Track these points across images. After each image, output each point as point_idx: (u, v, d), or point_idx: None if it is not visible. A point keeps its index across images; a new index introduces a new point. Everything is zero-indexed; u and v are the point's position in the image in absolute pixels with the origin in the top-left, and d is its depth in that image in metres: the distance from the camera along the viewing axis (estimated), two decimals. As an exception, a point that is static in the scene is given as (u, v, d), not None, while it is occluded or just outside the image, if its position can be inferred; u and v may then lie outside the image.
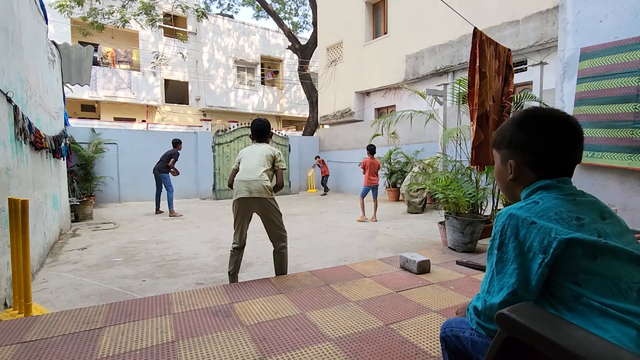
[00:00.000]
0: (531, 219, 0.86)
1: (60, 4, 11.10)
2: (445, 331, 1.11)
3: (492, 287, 0.91)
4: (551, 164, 0.95)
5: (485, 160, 3.86)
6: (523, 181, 1.00)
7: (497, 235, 0.92)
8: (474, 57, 3.60)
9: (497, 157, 1.07)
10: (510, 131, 1.00)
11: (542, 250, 0.82)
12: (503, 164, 1.04)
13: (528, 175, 0.98)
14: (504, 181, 1.05)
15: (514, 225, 0.88)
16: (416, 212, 7.62)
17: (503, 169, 1.04)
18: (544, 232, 0.83)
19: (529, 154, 0.96)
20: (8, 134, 2.84)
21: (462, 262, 3.43)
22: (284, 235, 3.12)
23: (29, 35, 3.77)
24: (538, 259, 0.83)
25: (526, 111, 1.01)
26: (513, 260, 0.87)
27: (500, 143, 1.04)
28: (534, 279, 0.83)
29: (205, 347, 1.89)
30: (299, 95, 20.65)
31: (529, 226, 0.85)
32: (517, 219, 0.88)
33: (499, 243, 0.91)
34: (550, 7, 6.97)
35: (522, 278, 0.85)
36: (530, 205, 0.90)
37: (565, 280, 0.82)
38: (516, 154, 0.99)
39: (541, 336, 0.68)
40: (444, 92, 5.95)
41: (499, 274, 0.90)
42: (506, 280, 0.87)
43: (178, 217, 7.43)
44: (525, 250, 0.86)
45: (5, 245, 2.55)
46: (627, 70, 2.76)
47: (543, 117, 0.97)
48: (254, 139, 3.23)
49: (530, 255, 0.85)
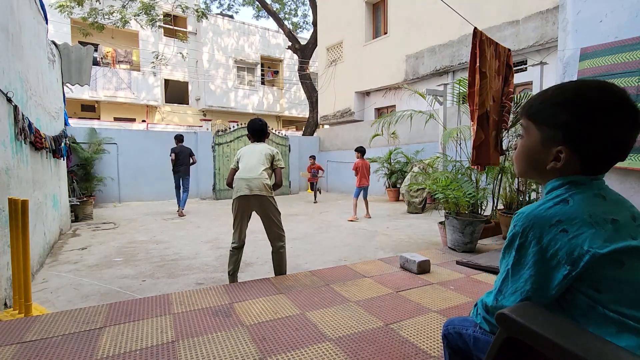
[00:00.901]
0: (562, 225, 0.77)
1: (60, 4, 11.09)
2: (447, 329, 1.10)
3: (505, 288, 0.86)
4: (608, 162, 0.82)
5: (486, 160, 3.86)
6: (563, 172, 0.85)
7: (517, 236, 0.83)
8: (474, 57, 3.60)
9: (533, 131, 0.87)
10: (569, 111, 0.80)
11: (571, 262, 0.75)
12: (544, 146, 0.85)
13: (572, 168, 0.83)
14: (535, 163, 0.88)
15: (537, 229, 0.79)
16: (416, 212, 7.61)
17: (541, 151, 0.86)
18: (575, 243, 0.75)
19: (592, 147, 0.79)
20: (8, 134, 2.84)
21: (462, 262, 3.43)
22: (282, 234, 3.12)
23: (29, 35, 3.77)
24: (563, 270, 0.76)
25: (596, 89, 0.80)
26: (531, 266, 0.80)
27: (545, 118, 0.84)
28: (554, 289, 0.78)
29: (205, 347, 1.89)
30: (299, 95, 20.65)
31: (558, 234, 0.77)
32: (543, 222, 0.79)
33: (518, 244, 0.83)
34: (550, 7, 6.97)
35: (537, 285, 0.80)
36: (560, 206, 0.80)
37: (584, 286, 0.76)
38: (572, 142, 0.80)
39: (541, 336, 0.68)
40: (444, 92, 5.95)
41: (514, 277, 0.84)
42: (520, 285, 0.83)
43: (181, 217, 7.47)
44: (548, 257, 0.78)
45: (5, 245, 2.55)
46: (627, 70, 2.75)
47: (620, 102, 0.77)
48: (251, 138, 3.25)
49: (553, 263, 0.77)
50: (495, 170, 4.56)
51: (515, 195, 4.84)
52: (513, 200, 4.87)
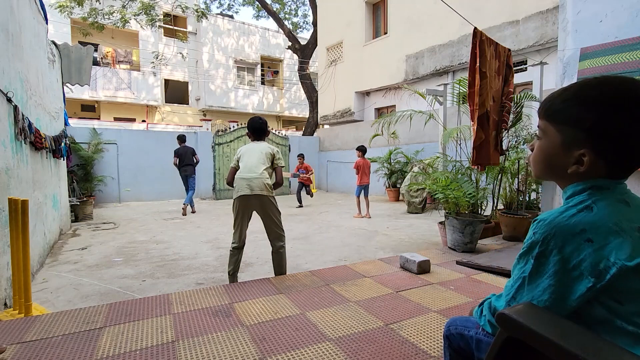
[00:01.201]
0: (586, 234, 0.73)
1: (60, 4, 11.10)
2: (449, 329, 1.10)
3: (520, 296, 0.83)
4: (634, 166, 0.77)
5: (486, 160, 3.86)
6: (584, 176, 0.80)
7: (536, 244, 0.79)
8: (474, 57, 3.60)
9: (552, 133, 0.82)
10: (595, 110, 0.75)
11: (595, 275, 0.71)
12: (565, 149, 0.80)
13: (596, 171, 0.78)
14: (555, 166, 0.84)
15: (560, 238, 0.75)
16: (416, 212, 7.62)
17: (562, 153, 0.81)
18: (601, 255, 0.71)
19: (618, 149, 0.75)
20: (8, 134, 2.84)
21: (462, 262, 3.43)
22: (281, 234, 3.12)
23: (29, 35, 3.77)
24: (587, 282, 0.72)
25: (623, 85, 0.75)
26: (550, 276, 0.77)
27: (566, 119, 0.79)
28: (575, 301, 0.75)
29: (205, 347, 1.89)
30: (299, 95, 20.65)
31: (583, 243, 0.73)
32: (566, 231, 0.75)
33: (538, 253, 0.79)
34: (550, 7, 6.97)
35: (556, 296, 0.76)
36: (583, 214, 0.75)
37: (605, 297, 0.73)
38: (597, 144, 0.75)
39: (541, 336, 0.68)
40: (444, 92, 5.95)
41: (530, 285, 0.81)
42: (537, 294, 0.79)
43: (183, 216, 7.48)
44: (570, 267, 0.74)
45: (5, 245, 2.55)
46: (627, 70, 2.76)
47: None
48: (251, 136, 3.24)
49: (575, 274, 0.74)
50: (495, 170, 4.56)
51: (515, 195, 4.84)
52: (513, 200, 4.87)
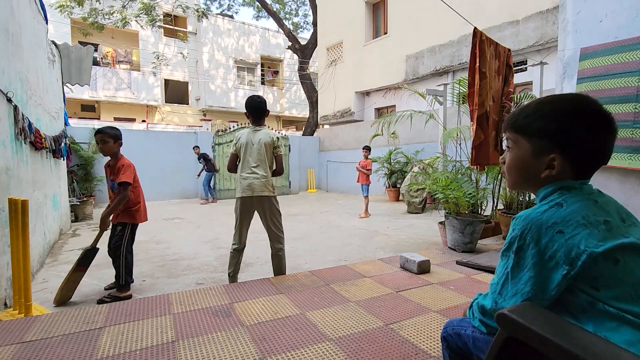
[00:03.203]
0: (558, 227, 0.81)
1: (60, 5, 11.10)
2: (446, 330, 1.11)
3: (505, 291, 0.88)
4: (594, 165, 0.88)
5: (486, 160, 3.86)
6: (555, 179, 0.90)
7: (515, 238, 0.87)
8: (474, 57, 3.60)
9: (523, 143, 0.92)
10: (556, 121, 0.86)
11: (569, 262, 0.78)
12: (535, 156, 0.90)
13: (565, 173, 0.88)
14: (529, 174, 0.93)
15: (535, 231, 0.83)
16: (416, 212, 7.62)
17: (534, 161, 0.91)
18: (571, 244, 0.78)
19: (580, 152, 0.86)
20: (8, 134, 2.84)
21: (462, 262, 3.43)
22: (281, 236, 3.10)
23: (29, 35, 3.77)
24: (562, 270, 0.79)
25: (575, 101, 0.88)
26: (530, 268, 0.83)
27: (534, 130, 0.90)
28: (554, 289, 0.81)
29: (205, 347, 1.89)
30: (299, 95, 20.65)
31: (555, 235, 0.80)
32: (540, 224, 0.83)
33: (517, 247, 0.86)
34: (550, 7, 6.97)
35: (537, 287, 0.82)
36: (554, 209, 0.84)
37: (583, 285, 0.79)
38: (563, 149, 0.86)
39: (541, 336, 0.68)
40: (444, 92, 5.95)
41: (513, 279, 0.87)
42: (520, 287, 0.85)
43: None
44: (546, 258, 0.81)
45: (5, 245, 2.55)
46: (627, 70, 2.75)
47: (596, 111, 0.86)
48: (250, 118, 3.06)
49: (552, 265, 0.81)
50: (495, 170, 4.56)
51: (515, 195, 4.84)
52: (513, 200, 4.87)
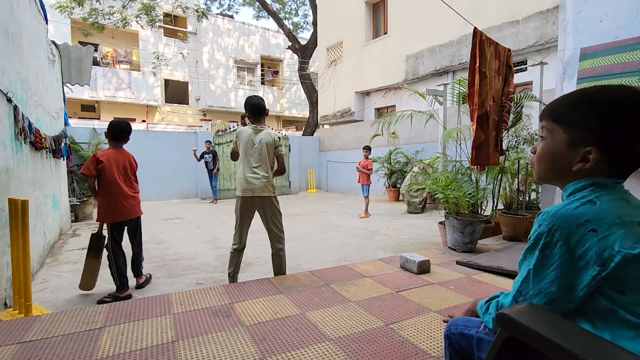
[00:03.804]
0: (591, 225, 0.76)
1: (60, 5, 11.09)
2: (450, 328, 1.11)
3: (526, 289, 0.84)
4: (633, 166, 0.82)
5: (486, 160, 3.86)
6: (588, 174, 0.84)
7: (542, 235, 0.81)
8: (474, 57, 3.60)
9: (559, 133, 0.87)
10: (599, 112, 0.81)
11: (600, 263, 0.74)
12: (570, 147, 0.85)
13: (600, 170, 0.83)
14: (560, 165, 0.88)
15: (565, 228, 0.78)
16: (416, 212, 7.61)
17: (568, 152, 0.85)
18: (605, 244, 0.74)
19: (620, 149, 0.80)
20: (8, 134, 2.85)
21: (462, 262, 3.43)
22: (281, 236, 3.11)
23: (29, 35, 3.77)
24: (592, 271, 0.75)
25: (624, 92, 0.81)
26: (557, 267, 0.78)
27: (573, 120, 0.84)
28: (582, 290, 0.76)
29: (205, 347, 1.89)
30: (299, 95, 20.65)
31: (587, 233, 0.76)
32: (571, 221, 0.77)
33: (543, 244, 0.81)
34: (550, 7, 6.97)
35: (564, 287, 0.78)
36: (587, 206, 0.79)
37: (609, 288, 0.75)
38: (602, 144, 0.80)
39: (541, 336, 0.68)
40: (444, 92, 5.95)
41: (536, 277, 0.82)
42: (544, 286, 0.80)
43: None
44: (576, 257, 0.77)
45: (5, 245, 2.55)
46: (627, 70, 2.76)
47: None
48: (250, 117, 3.07)
49: (581, 264, 0.76)
50: (495, 170, 4.56)
51: (515, 195, 4.84)
52: (513, 200, 4.87)
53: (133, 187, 3.15)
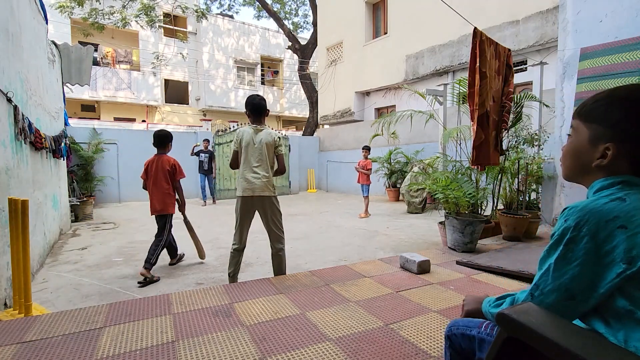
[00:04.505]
0: (620, 221, 0.74)
1: (60, 5, 11.09)
2: (451, 329, 1.11)
3: (545, 284, 0.82)
4: None
5: (486, 160, 3.86)
6: (606, 171, 0.85)
7: (568, 230, 0.79)
8: (474, 57, 3.60)
9: (582, 130, 0.89)
10: (621, 111, 0.82)
11: (627, 261, 0.72)
12: (591, 144, 0.86)
13: (620, 167, 0.83)
14: (582, 162, 0.89)
15: (594, 223, 0.76)
16: (416, 212, 7.61)
17: (589, 148, 0.86)
18: (634, 241, 0.72)
19: (638, 145, 0.80)
20: (8, 134, 2.84)
21: (462, 262, 3.42)
22: (281, 236, 3.11)
23: (29, 35, 3.77)
24: (617, 268, 0.73)
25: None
26: (581, 263, 0.77)
27: (595, 117, 0.86)
28: (604, 287, 0.75)
29: (205, 347, 1.89)
30: (299, 95, 20.65)
31: (616, 229, 0.74)
32: (601, 217, 0.76)
33: (568, 238, 0.78)
34: (550, 7, 6.97)
35: (585, 284, 0.76)
36: (616, 202, 0.77)
37: (631, 287, 0.74)
38: (620, 140, 0.81)
39: (541, 336, 0.68)
40: (444, 92, 5.95)
41: (557, 272, 0.80)
42: (564, 282, 0.78)
43: None
44: (602, 254, 0.75)
45: (5, 245, 2.55)
46: (627, 70, 2.76)
47: None
48: (250, 117, 3.09)
49: (607, 261, 0.75)
50: (495, 170, 4.56)
51: (515, 195, 4.84)
52: (513, 200, 4.86)
53: (160, 188, 3.69)
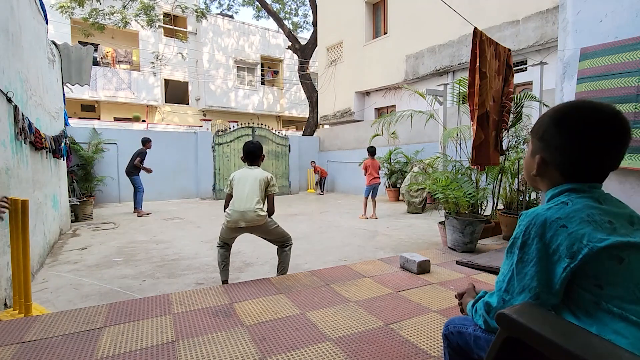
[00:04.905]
0: (561, 221, 0.82)
1: (60, 5, 11.09)
2: (448, 328, 1.12)
3: (512, 288, 0.88)
4: (582, 170, 0.89)
5: (486, 160, 3.86)
6: (547, 180, 0.94)
7: (520, 234, 0.88)
8: (474, 57, 3.60)
9: (530, 144, 1.00)
10: (546, 124, 0.92)
11: (570, 255, 0.79)
12: (531, 156, 0.97)
13: (553, 176, 0.92)
14: (527, 172, 1.00)
15: (540, 226, 0.84)
16: (416, 212, 7.62)
17: (530, 160, 0.97)
18: (574, 237, 0.79)
19: (560, 155, 0.89)
20: (8, 134, 2.84)
21: (462, 262, 3.43)
22: (284, 242, 3.19)
23: (29, 35, 3.76)
24: (563, 263, 0.80)
25: (569, 107, 0.90)
26: (535, 263, 0.84)
27: (533, 132, 0.97)
28: (558, 283, 0.81)
29: (205, 347, 1.89)
30: (299, 95, 20.65)
31: (559, 229, 0.82)
32: (545, 220, 0.84)
33: (521, 242, 0.87)
34: (550, 7, 6.97)
35: (544, 281, 0.83)
36: (559, 206, 0.85)
37: (587, 283, 0.79)
38: (546, 151, 0.92)
39: (541, 336, 0.68)
40: (444, 92, 5.95)
41: (519, 275, 0.86)
42: (527, 283, 0.85)
43: (145, 215, 7.47)
44: (550, 252, 0.82)
45: (5, 245, 2.55)
46: (627, 70, 2.75)
47: (586, 118, 0.86)
48: (245, 160, 3.21)
49: (555, 258, 0.81)
50: (495, 170, 4.56)
51: (515, 195, 4.84)
52: (513, 200, 4.86)
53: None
